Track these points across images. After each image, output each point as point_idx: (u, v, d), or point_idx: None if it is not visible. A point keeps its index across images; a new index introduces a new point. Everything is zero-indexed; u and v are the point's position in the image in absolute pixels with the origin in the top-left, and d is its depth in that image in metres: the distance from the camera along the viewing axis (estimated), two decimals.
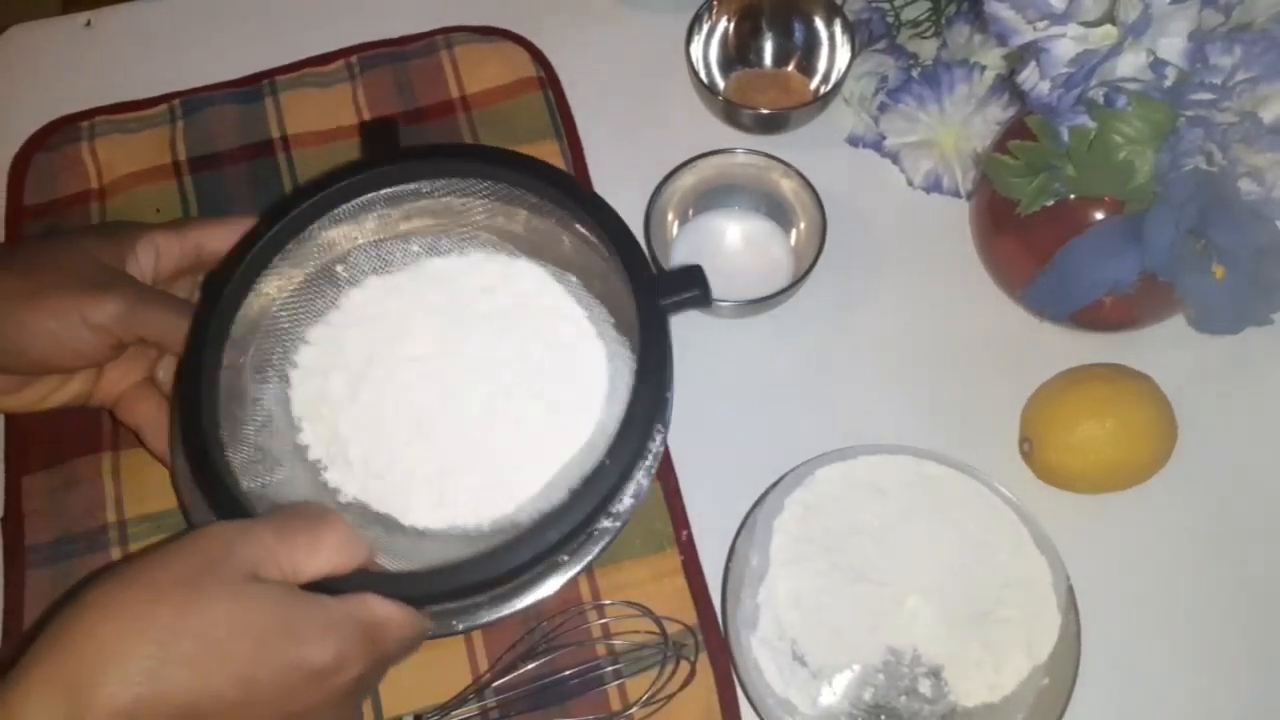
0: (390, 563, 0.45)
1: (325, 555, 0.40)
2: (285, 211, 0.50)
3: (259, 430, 0.50)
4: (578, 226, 0.52)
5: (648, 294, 0.48)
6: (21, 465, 0.59)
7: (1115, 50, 0.49)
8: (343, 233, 0.53)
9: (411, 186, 0.52)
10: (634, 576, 0.56)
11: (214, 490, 0.44)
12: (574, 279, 0.54)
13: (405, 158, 0.52)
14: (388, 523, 0.49)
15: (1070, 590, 0.53)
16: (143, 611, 0.36)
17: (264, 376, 0.51)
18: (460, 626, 0.48)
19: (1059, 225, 0.55)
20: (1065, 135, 0.52)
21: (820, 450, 0.57)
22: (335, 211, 0.52)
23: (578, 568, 0.49)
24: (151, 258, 0.52)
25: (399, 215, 0.54)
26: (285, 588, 0.38)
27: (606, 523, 0.48)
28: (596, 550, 0.49)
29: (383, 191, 0.52)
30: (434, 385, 0.51)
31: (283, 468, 0.49)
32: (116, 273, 0.50)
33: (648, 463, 0.49)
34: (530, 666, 0.53)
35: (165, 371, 0.53)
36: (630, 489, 0.48)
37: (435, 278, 0.54)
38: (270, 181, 0.67)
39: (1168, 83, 0.50)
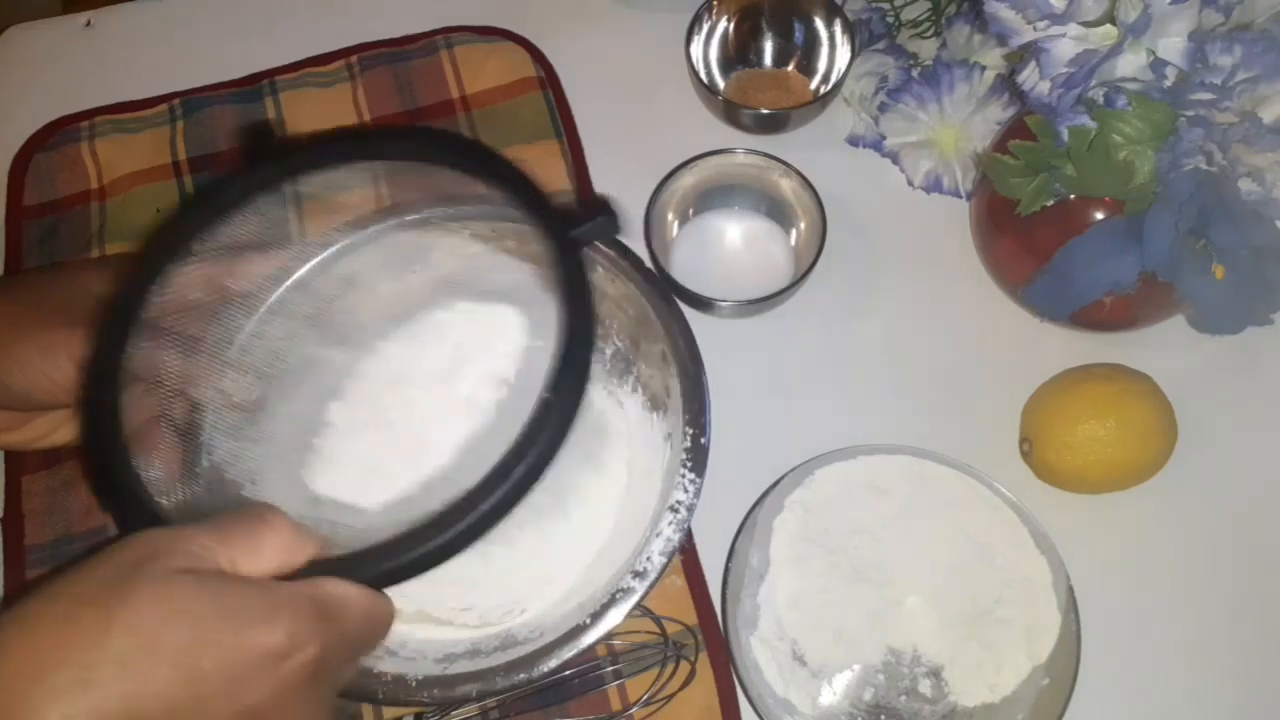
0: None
1: (267, 554, 0.36)
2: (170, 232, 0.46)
3: (220, 460, 0.48)
4: (478, 185, 0.47)
5: (555, 227, 0.43)
6: (21, 465, 0.59)
7: (1115, 50, 0.49)
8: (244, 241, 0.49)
9: (292, 186, 0.48)
10: None
11: (123, 504, 0.40)
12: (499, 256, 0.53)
13: (278, 156, 0.47)
14: (341, 512, 0.48)
15: (1070, 590, 0.53)
16: (64, 620, 0.32)
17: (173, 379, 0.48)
18: (474, 692, 0.46)
19: (1059, 225, 0.55)
20: (1065, 135, 0.52)
21: (820, 450, 0.57)
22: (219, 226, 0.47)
23: (599, 633, 0.46)
24: None
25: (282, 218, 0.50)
26: (224, 575, 0.35)
27: (633, 582, 0.46)
28: (621, 615, 0.46)
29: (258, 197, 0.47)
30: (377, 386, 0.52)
31: (208, 480, 0.47)
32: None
33: (680, 515, 0.47)
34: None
35: (180, 410, 0.50)
36: (657, 545, 0.47)
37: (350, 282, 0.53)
38: None
39: (1168, 83, 0.50)
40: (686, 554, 0.56)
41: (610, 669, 0.53)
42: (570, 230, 0.44)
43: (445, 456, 0.53)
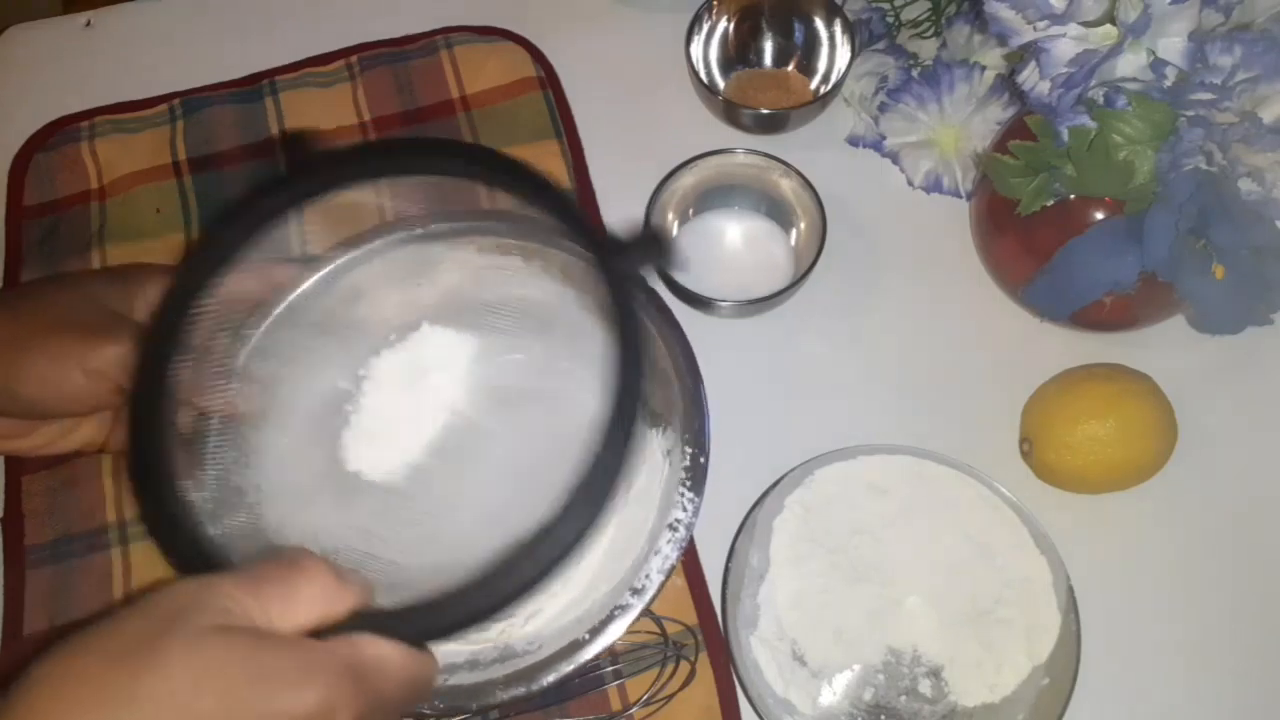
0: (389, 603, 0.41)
1: (304, 607, 0.35)
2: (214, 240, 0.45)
3: (226, 469, 0.48)
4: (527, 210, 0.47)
5: (603, 254, 0.42)
6: (21, 465, 0.59)
7: (1115, 50, 0.49)
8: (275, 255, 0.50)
9: (335, 193, 0.47)
10: None
11: (174, 539, 0.39)
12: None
13: (326, 163, 0.46)
14: (385, 558, 0.48)
15: (1070, 590, 0.53)
16: (94, 681, 0.32)
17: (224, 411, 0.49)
18: (474, 706, 0.47)
19: (1059, 225, 0.55)
20: (1065, 135, 0.52)
21: (820, 450, 0.57)
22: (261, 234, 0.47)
23: (597, 648, 0.47)
24: None
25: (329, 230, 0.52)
26: (255, 634, 0.34)
27: (631, 599, 0.46)
28: (620, 631, 0.47)
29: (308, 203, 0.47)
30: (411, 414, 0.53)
31: (251, 508, 0.48)
32: (118, 317, 0.48)
33: (679, 534, 0.47)
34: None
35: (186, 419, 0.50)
36: (655, 563, 0.47)
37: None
38: None
39: (1168, 83, 0.50)
40: (687, 554, 0.56)
41: (610, 669, 0.53)
42: (617, 257, 0.43)
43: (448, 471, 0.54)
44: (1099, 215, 0.54)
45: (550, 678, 0.46)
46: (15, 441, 0.50)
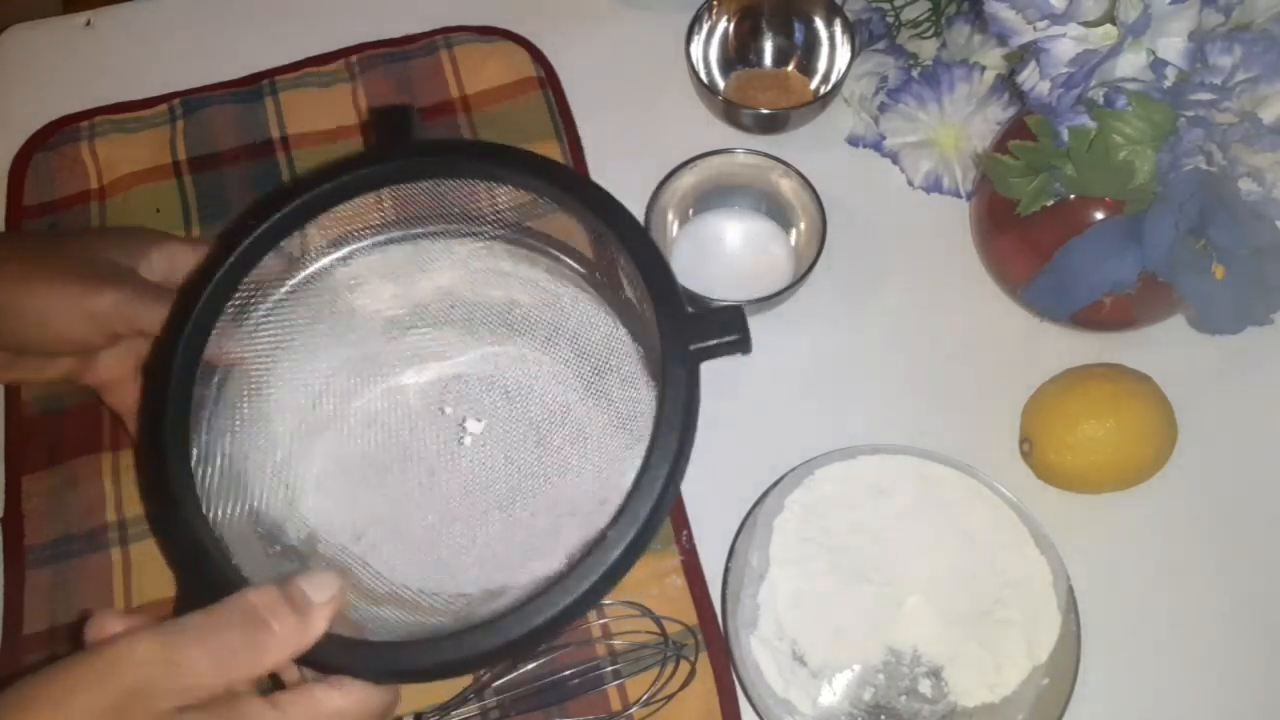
0: (356, 628, 0.42)
1: (271, 655, 0.36)
2: (277, 207, 0.46)
3: (232, 458, 0.49)
4: (607, 250, 0.48)
5: (677, 336, 0.41)
6: (21, 465, 0.59)
7: (1115, 50, 0.49)
8: (333, 248, 0.52)
9: (418, 186, 0.48)
10: (634, 576, 0.54)
11: (177, 537, 0.41)
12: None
13: (415, 153, 0.47)
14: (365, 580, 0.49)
15: (1070, 590, 0.53)
16: None
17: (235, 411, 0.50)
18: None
19: (1059, 225, 0.55)
20: (1065, 135, 0.52)
21: (820, 450, 0.57)
22: (330, 212, 0.49)
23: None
24: (166, 266, 0.52)
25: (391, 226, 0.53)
26: (216, 715, 0.35)
27: None
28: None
29: (384, 191, 0.49)
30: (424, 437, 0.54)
31: (253, 500, 0.49)
32: (121, 268, 0.50)
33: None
34: (530, 666, 0.53)
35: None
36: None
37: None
38: (270, 181, 0.67)
39: (1168, 83, 0.50)
40: (687, 554, 0.56)
41: (610, 669, 0.53)
42: (692, 342, 0.41)
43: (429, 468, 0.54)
44: (1099, 215, 0.54)
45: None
46: (2, 371, 0.53)
